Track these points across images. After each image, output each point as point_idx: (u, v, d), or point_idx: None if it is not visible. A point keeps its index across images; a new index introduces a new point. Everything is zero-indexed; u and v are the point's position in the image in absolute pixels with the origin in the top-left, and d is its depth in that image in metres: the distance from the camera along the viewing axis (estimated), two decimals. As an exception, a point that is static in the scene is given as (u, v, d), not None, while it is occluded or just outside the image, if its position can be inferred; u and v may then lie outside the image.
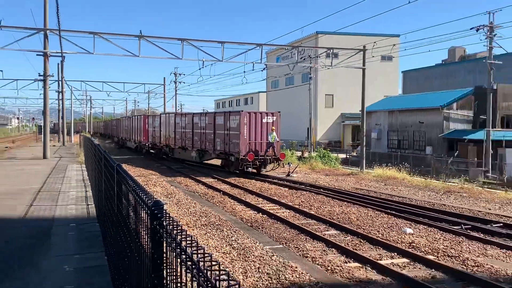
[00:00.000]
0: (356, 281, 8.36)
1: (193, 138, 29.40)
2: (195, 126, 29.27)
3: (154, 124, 37.62)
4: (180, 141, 31.80)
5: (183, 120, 31.50)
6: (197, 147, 28.99)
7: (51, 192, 15.08)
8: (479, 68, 50.09)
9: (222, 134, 25.53)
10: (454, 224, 13.07)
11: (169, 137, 33.76)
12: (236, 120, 24.29)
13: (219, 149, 26.11)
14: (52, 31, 26.94)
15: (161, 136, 35.68)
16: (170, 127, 33.55)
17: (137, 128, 42.64)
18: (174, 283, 2.39)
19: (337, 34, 55.48)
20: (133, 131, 44.84)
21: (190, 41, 28.34)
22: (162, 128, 35.48)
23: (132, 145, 46.04)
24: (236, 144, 24.10)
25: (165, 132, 34.53)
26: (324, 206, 15.92)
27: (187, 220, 13.28)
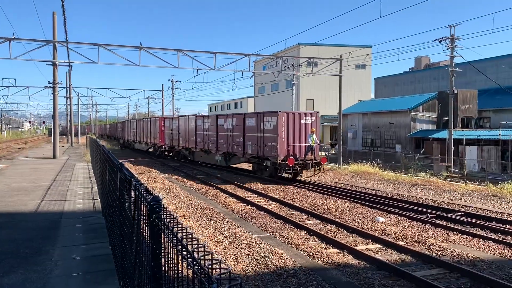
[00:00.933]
0: (335, 265, 8.37)
1: (218, 141, 25.38)
2: (220, 128, 25.30)
3: (172, 126, 33.28)
4: (202, 144, 27.73)
5: (205, 122, 27.38)
6: (222, 151, 24.93)
7: (61, 189, 14.90)
8: (442, 75, 50.59)
9: (254, 136, 21.50)
10: (421, 213, 13.17)
11: (189, 139, 29.82)
12: (272, 121, 20.30)
13: (250, 152, 22.01)
14: (60, 43, 26.63)
15: (179, 139, 31.59)
16: (190, 129, 29.50)
17: (151, 130, 38.04)
18: (171, 270, 2.36)
19: (316, 45, 55.73)
20: (145, 133, 40.36)
21: (185, 51, 28.23)
22: (180, 131, 31.33)
23: (143, 147, 41.79)
24: (273, 147, 20.03)
25: (185, 135, 30.53)
26: (306, 198, 15.94)
27: (184, 212, 13.21)
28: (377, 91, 68.80)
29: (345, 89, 40.41)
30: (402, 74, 65.94)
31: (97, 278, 6.05)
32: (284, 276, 7.58)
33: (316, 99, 61.07)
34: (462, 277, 7.66)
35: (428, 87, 54.89)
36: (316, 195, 16.65)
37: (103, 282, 5.90)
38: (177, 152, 33.16)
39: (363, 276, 7.71)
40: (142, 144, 41.62)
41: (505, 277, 7.66)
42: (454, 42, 30.93)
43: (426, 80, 57.47)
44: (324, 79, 55.50)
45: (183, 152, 31.51)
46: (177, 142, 32.15)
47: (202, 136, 27.62)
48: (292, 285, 7.15)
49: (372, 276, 7.73)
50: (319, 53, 51.67)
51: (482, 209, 13.80)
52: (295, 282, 7.29)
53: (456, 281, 7.52)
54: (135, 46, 26.90)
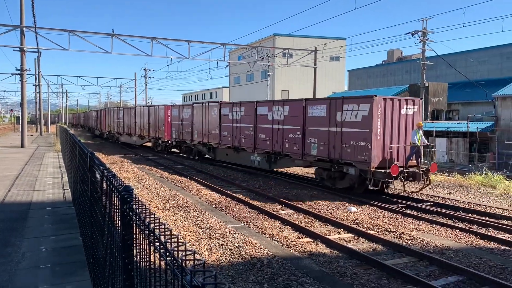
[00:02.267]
0: (308, 254, 8.46)
1: (256, 136, 19.52)
2: (260, 119, 19.33)
3: (182, 116, 26.98)
4: (229, 139, 21.67)
5: (235, 112, 21.28)
6: (264, 149, 19.02)
7: (29, 178, 14.47)
8: (414, 68, 51.56)
9: (324, 132, 15.34)
10: (392, 203, 13.43)
11: (208, 133, 23.73)
12: (360, 110, 14.10)
13: (316, 154, 15.82)
14: (29, 28, 25.72)
15: (193, 132, 25.41)
16: (212, 120, 23.44)
17: (151, 120, 31.58)
18: (144, 262, 2.30)
19: (292, 36, 55.82)
20: (140, 124, 33.85)
21: (159, 39, 27.79)
22: (196, 122, 25.14)
23: (134, 141, 35.51)
24: (361, 148, 13.89)
25: (202, 127, 24.33)
26: (280, 188, 16.01)
27: (157, 203, 13.06)
28: (350, 83, 69.56)
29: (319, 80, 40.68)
30: (375, 67, 66.85)
31: (66, 269, 5.91)
32: (257, 266, 7.60)
33: (291, 90, 61.30)
34: (431, 265, 7.87)
35: (400, 79, 55.87)
36: (290, 185, 16.70)
37: (73, 273, 5.77)
38: (188, 148, 27.40)
39: (335, 265, 7.82)
40: (134, 137, 35.34)
41: (471, 264, 7.91)
42: (426, 36, 31.52)
43: (398, 72, 58.45)
44: (299, 70, 55.73)
45: (199, 148, 25.51)
46: (189, 135, 26.01)
47: (230, 129, 21.53)
48: (266, 275, 7.18)
49: (344, 264, 7.84)
50: (294, 44, 51.76)
51: (450, 199, 14.18)
52: (268, 271, 7.33)
53: (425, 269, 7.73)
54: (107, 33, 26.32)
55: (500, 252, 8.72)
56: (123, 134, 38.07)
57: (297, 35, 54.99)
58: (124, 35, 27.04)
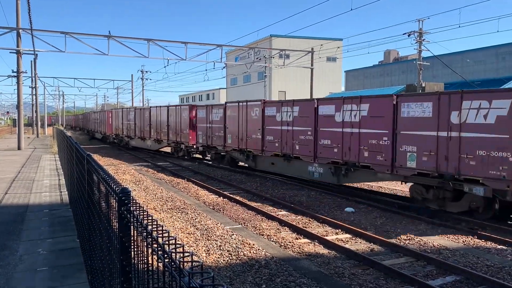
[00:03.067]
0: (306, 255, 8.46)
1: (318, 143, 15.66)
2: (323, 121, 15.48)
3: (211, 118, 23.18)
4: (277, 145, 17.85)
5: (286, 112, 17.35)
6: (329, 158, 15.22)
7: (26, 181, 14.43)
8: (411, 68, 51.71)
9: (432, 137, 11.82)
10: (388, 203, 13.43)
11: (246, 138, 19.95)
12: (494, 108, 10.56)
13: (416, 166, 12.19)
14: (25, 30, 25.68)
15: (227, 136, 21.68)
16: (253, 122, 19.60)
17: (171, 123, 27.86)
18: (142, 264, 2.30)
19: (288, 37, 55.92)
20: (156, 126, 29.99)
21: (156, 41, 27.81)
22: (229, 124, 21.41)
23: (148, 145, 31.55)
24: (499, 160, 10.36)
25: (239, 131, 20.61)
26: (277, 189, 16.02)
27: (155, 205, 13.04)
28: (347, 84, 69.67)
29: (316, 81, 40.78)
30: (372, 67, 66.97)
31: (64, 272, 5.89)
32: (255, 267, 7.60)
33: (288, 91, 61.37)
34: (428, 265, 7.89)
35: (396, 80, 56.02)
36: (287, 186, 16.69)
37: (71, 276, 5.75)
38: (218, 154, 23.44)
39: (333, 265, 7.83)
40: (148, 141, 31.48)
41: (468, 264, 7.93)
42: (422, 36, 31.63)
43: (395, 73, 58.60)
44: (296, 71, 55.81)
45: (234, 155, 21.73)
46: (221, 140, 22.25)
47: (278, 133, 17.79)
48: (264, 276, 7.18)
49: (342, 265, 7.85)
50: (291, 45, 51.82)
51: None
52: (266, 272, 7.33)
53: (422, 269, 7.74)
54: (104, 34, 26.31)
55: (497, 252, 8.75)
56: (134, 138, 34.49)
57: (294, 36, 55.09)
58: (120, 36, 27.04)
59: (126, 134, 36.36)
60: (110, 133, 41.40)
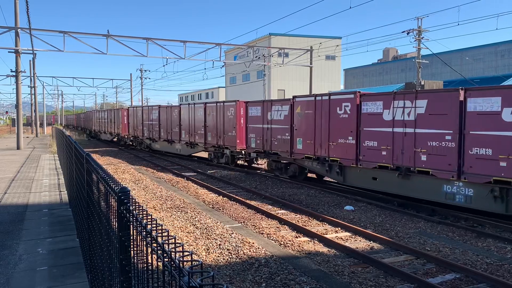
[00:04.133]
0: (306, 253, 8.46)
1: (466, 151, 10.85)
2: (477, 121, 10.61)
3: (271, 116, 18.42)
4: (385, 154, 13.02)
5: (405, 109, 12.39)
6: (483, 175, 10.39)
7: (25, 180, 14.42)
8: (410, 66, 51.72)
9: None
10: (387, 202, 13.44)
11: (329, 143, 15.16)
12: None
13: None
14: (23, 29, 25.64)
15: (294, 140, 17.03)
16: (338, 123, 14.79)
17: (209, 122, 23.71)
18: (141, 263, 2.30)
19: (287, 36, 55.87)
20: (189, 126, 25.68)
21: (155, 40, 27.78)
22: (300, 126, 16.62)
23: (178, 149, 27.50)
24: None
25: (316, 134, 15.77)
26: (277, 188, 16.02)
27: (154, 204, 13.04)
28: (346, 82, 69.70)
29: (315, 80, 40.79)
30: (371, 66, 66.99)
31: (64, 271, 5.89)
32: (255, 266, 7.60)
33: (287, 90, 61.38)
34: (428, 263, 7.89)
35: (396, 78, 56.03)
36: (287, 185, 16.67)
37: (71, 275, 5.75)
38: (280, 163, 18.48)
39: (333, 263, 7.83)
40: (178, 145, 27.48)
41: (468, 262, 7.94)
42: (421, 34, 31.62)
43: (394, 71, 58.60)
44: (295, 70, 55.80)
45: (307, 164, 16.69)
46: (285, 145, 17.47)
47: (387, 137, 12.89)
48: (264, 274, 7.18)
49: (341, 263, 7.86)
50: (290, 43, 51.82)
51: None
52: (266, 271, 7.33)
53: (422, 266, 7.75)
54: (103, 34, 26.27)
55: (497, 249, 8.76)
56: (158, 140, 29.99)
57: (293, 35, 55.03)
58: (119, 35, 27.00)
59: (148, 136, 31.63)
60: (125, 134, 36.29)
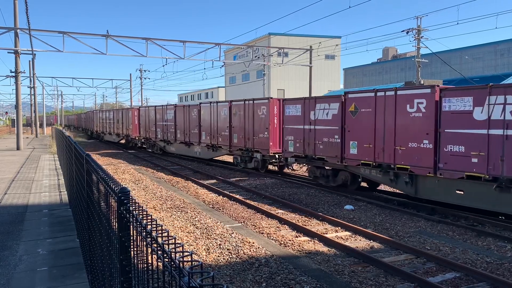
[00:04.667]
0: (306, 252, 8.47)
1: None
2: None
3: (314, 115, 15.74)
4: (480, 161, 10.43)
5: (503, 105, 9.95)
6: None
7: (25, 181, 14.42)
8: (409, 65, 51.73)
9: None
10: (387, 201, 13.44)
11: (396, 147, 12.58)
12: None
13: None
14: (23, 30, 25.62)
15: (346, 145, 14.41)
16: (410, 121, 12.14)
17: (233, 123, 21.31)
18: (141, 264, 2.30)
19: (287, 35, 55.85)
20: (208, 128, 23.45)
21: (154, 40, 27.76)
22: (353, 126, 14.08)
23: (197, 152, 25.13)
24: None
25: (377, 134, 13.23)
26: (277, 188, 16.02)
27: (154, 204, 13.04)
28: (346, 82, 69.70)
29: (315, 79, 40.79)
30: (370, 65, 66.98)
31: (64, 272, 5.89)
32: (256, 265, 7.60)
33: (287, 89, 61.38)
34: (428, 262, 7.89)
35: (395, 77, 56.05)
36: (287, 184, 16.67)
37: (71, 276, 5.75)
38: (326, 170, 15.82)
39: (333, 263, 7.83)
40: (197, 148, 25.04)
41: (468, 261, 7.94)
42: (421, 33, 31.62)
43: (393, 70, 58.62)
44: (295, 69, 55.79)
45: (363, 172, 13.98)
46: (334, 149, 14.86)
47: (481, 140, 10.56)
48: (264, 274, 7.19)
49: (341, 263, 7.86)
50: (290, 43, 51.81)
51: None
52: (266, 270, 7.33)
53: (422, 266, 7.75)
54: (102, 34, 26.26)
55: (497, 248, 8.76)
56: (173, 143, 27.84)
57: (292, 34, 55.02)
58: (119, 36, 26.99)
59: (162, 137, 29.29)
60: (136, 136, 33.90)
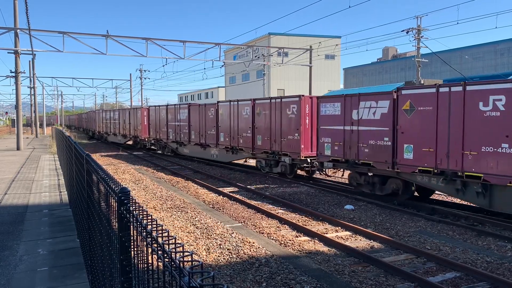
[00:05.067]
0: (306, 252, 8.47)
1: None
2: None
3: (358, 115, 13.86)
4: None
5: None
6: None
7: (25, 181, 14.42)
8: (409, 65, 51.72)
9: None
10: (387, 201, 13.44)
11: (464, 152, 10.62)
12: None
13: None
14: (22, 30, 25.63)
15: (399, 149, 12.42)
16: (485, 121, 10.21)
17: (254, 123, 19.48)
18: (142, 264, 2.30)
19: (287, 35, 55.86)
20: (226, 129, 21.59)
21: (154, 40, 27.77)
22: (408, 127, 12.17)
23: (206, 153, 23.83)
24: None
25: (439, 137, 11.26)
26: (277, 187, 16.02)
27: (154, 204, 13.04)
28: (346, 81, 69.70)
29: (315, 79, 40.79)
30: (370, 65, 66.98)
31: (64, 272, 5.89)
32: (256, 265, 7.60)
33: (287, 89, 61.38)
34: (428, 262, 7.89)
35: (395, 77, 56.05)
36: (287, 184, 16.69)
37: (71, 276, 5.75)
38: (373, 177, 13.72)
39: (334, 263, 7.83)
40: (213, 150, 23.15)
41: (468, 261, 7.94)
42: (421, 33, 31.61)
43: (393, 70, 58.61)
44: (295, 69, 55.77)
45: (420, 180, 12.16)
46: (384, 153, 12.96)
47: None
48: (264, 274, 7.19)
49: (342, 262, 7.86)
50: (290, 43, 51.80)
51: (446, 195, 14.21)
52: (267, 270, 7.33)
53: (422, 265, 7.75)
54: (102, 34, 26.26)
55: (497, 248, 8.76)
56: (187, 144, 25.79)
57: (292, 34, 55.02)
58: (118, 36, 27.00)
59: (174, 139, 27.45)
60: (145, 137, 32.08)
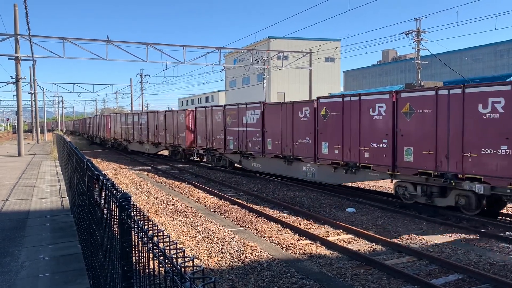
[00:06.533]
0: (308, 256, 8.44)
1: None
2: None
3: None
4: None
5: None
6: None
7: (26, 187, 14.42)
8: (409, 67, 51.76)
9: None
10: (389, 203, 13.42)
11: None
12: None
13: None
14: (23, 36, 25.71)
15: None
16: None
17: None
18: (143, 269, 2.30)
19: (287, 39, 55.99)
20: None
21: (154, 45, 27.85)
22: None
23: None
24: None
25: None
26: (278, 191, 16.00)
27: (156, 209, 13.03)
28: (346, 84, 69.74)
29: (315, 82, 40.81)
30: (370, 67, 67.02)
31: (66, 278, 5.88)
32: (258, 269, 7.58)
33: (287, 92, 61.45)
34: (431, 264, 7.87)
35: (395, 79, 56.07)
36: (288, 188, 16.66)
37: (73, 282, 5.74)
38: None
39: (336, 266, 7.81)
40: (308, 166, 16.09)
41: (470, 263, 7.91)
42: (420, 35, 31.65)
43: (393, 72, 58.64)
44: (295, 72, 55.83)
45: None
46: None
47: None
48: (266, 278, 7.17)
49: (344, 266, 7.84)
50: (289, 46, 51.89)
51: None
52: (268, 274, 7.31)
53: (425, 268, 7.73)
54: (102, 39, 26.34)
55: (500, 249, 8.73)
56: (257, 157, 19.00)
57: (292, 38, 55.16)
58: (119, 41, 27.07)
59: (237, 149, 20.49)
60: (191, 146, 25.60)
